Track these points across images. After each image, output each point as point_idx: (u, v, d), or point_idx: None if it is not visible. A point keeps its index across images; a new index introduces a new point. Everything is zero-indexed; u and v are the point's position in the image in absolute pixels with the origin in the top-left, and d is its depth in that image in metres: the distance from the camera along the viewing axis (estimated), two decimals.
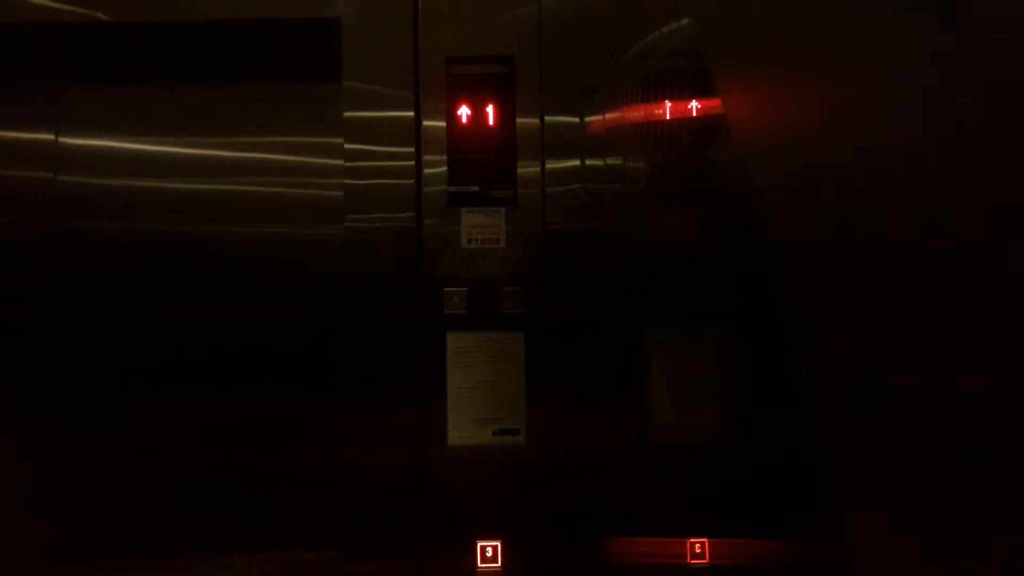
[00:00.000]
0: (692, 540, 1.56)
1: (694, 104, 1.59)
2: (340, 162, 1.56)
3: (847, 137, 1.15)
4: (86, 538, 1.54)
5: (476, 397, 1.55)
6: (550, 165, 1.58)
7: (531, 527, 1.54)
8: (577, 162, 1.59)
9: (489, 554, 1.52)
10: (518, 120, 1.59)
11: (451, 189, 1.58)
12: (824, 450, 1.25)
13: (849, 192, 1.14)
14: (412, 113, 1.58)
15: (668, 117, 1.59)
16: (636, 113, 1.60)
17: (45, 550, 1.53)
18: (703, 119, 1.59)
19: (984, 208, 0.89)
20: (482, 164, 1.58)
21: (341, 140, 1.56)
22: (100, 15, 1.52)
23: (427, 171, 1.58)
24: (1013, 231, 0.84)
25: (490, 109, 1.59)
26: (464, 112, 1.59)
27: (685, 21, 1.59)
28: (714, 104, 1.58)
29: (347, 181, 1.56)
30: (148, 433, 1.55)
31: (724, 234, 1.58)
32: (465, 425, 1.55)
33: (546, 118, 1.59)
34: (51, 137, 1.57)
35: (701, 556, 1.55)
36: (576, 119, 1.59)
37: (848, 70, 1.14)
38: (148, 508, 1.53)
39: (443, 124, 1.59)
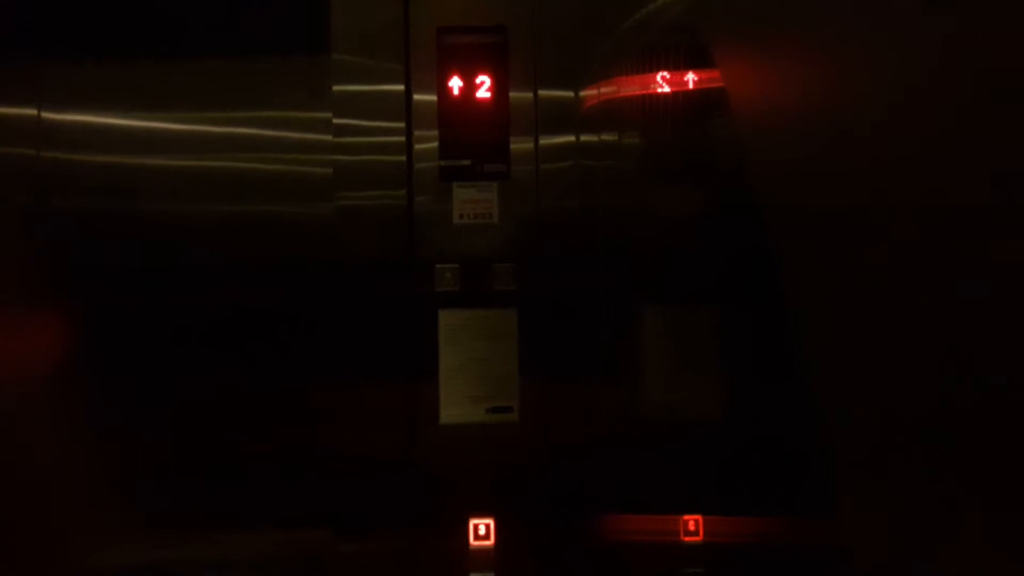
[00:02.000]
0: (686, 517, 1.55)
1: (691, 77, 1.56)
2: (329, 137, 1.54)
3: (848, 111, 1.13)
4: (68, 519, 1.53)
5: (468, 375, 1.54)
6: (544, 141, 1.56)
7: (524, 505, 1.53)
8: (572, 138, 1.56)
9: (482, 532, 1.52)
10: (511, 94, 1.56)
11: (442, 163, 1.55)
12: (820, 427, 1.24)
13: (850, 166, 1.12)
14: (402, 86, 1.55)
15: (664, 92, 1.56)
16: (632, 87, 1.57)
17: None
18: (700, 93, 1.56)
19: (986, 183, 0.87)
20: (474, 138, 1.56)
21: (330, 114, 1.53)
22: None
23: (418, 146, 1.55)
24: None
25: (482, 81, 1.56)
26: (456, 84, 1.56)
27: None
28: (712, 77, 1.55)
29: (336, 157, 1.53)
30: (129, 413, 1.52)
31: (720, 210, 1.56)
32: (457, 403, 1.54)
33: (540, 92, 1.56)
34: (34, 112, 1.53)
35: (695, 533, 1.55)
36: (571, 93, 1.57)
37: (850, 41, 1.11)
38: (133, 490, 1.51)
39: (434, 97, 1.55)
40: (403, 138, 1.55)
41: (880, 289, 1.08)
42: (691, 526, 1.55)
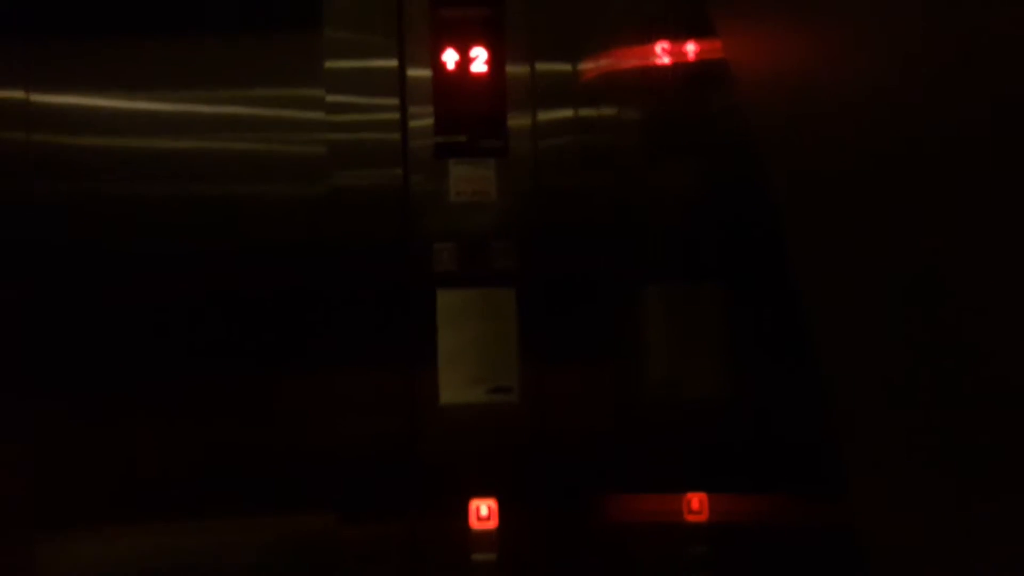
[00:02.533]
0: (689, 495, 1.54)
1: (691, 48, 1.54)
2: (322, 115, 1.51)
3: (852, 81, 1.10)
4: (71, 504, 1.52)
5: (468, 355, 1.52)
6: (542, 116, 1.54)
7: (526, 485, 1.52)
8: (570, 112, 1.54)
9: (484, 513, 1.51)
10: (508, 68, 1.53)
11: (438, 139, 1.53)
12: (828, 405, 1.22)
13: (855, 139, 1.10)
14: (396, 61, 1.52)
15: (664, 64, 1.54)
16: (631, 60, 1.55)
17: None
18: (701, 65, 1.54)
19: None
20: (470, 113, 1.53)
21: (322, 92, 1.51)
22: None
23: (413, 123, 1.53)
24: None
25: (478, 54, 1.53)
26: (451, 58, 1.53)
27: None
28: (713, 47, 1.52)
29: (329, 135, 1.51)
30: (123, 402, 1.51)
31: (723, 185, 1.54)
32: (457, 384, 1.52)
33: (537, 65, 1.54)
34: (22, 95, 1.50)
35: (699, 512, 1.54)
36: (568, 66, 1.54)
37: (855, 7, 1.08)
38: (136, 478, 1.51)
39: (429, 72, 1.53)
40: (397, 115, 1.52)
41: (889, 261, 1.06)
42: (695, 505, 1.54)
